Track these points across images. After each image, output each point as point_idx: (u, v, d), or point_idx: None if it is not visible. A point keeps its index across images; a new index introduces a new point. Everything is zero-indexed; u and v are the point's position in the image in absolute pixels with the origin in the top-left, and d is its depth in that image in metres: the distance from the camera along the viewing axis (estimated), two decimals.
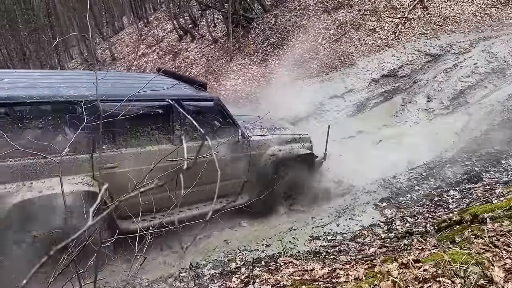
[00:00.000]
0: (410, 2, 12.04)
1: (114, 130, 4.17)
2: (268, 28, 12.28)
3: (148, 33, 16.63)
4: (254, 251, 4.97)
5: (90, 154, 4.01)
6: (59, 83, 4.14)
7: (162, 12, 17.47)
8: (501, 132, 7.27)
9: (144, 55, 15.15)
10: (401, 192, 6.47)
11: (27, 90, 3.76)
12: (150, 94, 4.44)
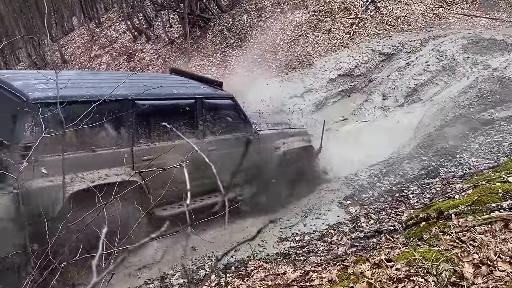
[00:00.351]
0: (363, 3, 12.38)
1: (150, 125, 4.59)
2: (226, 29, 12.21)
3: (101, 34, 16.06)
4: (223, 257, 4.91)
5: (131, 147, 4.39)
6: (110, 83, 4.49)
7: (115, 12, 16.92)
8: (454, 127, 7.62)
9: (97, 57, 14.61)
10: (364, 189, 6.62)
11: (91, 90, 4.24)
12: (178, 93, 4.99)
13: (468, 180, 4.97)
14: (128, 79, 4.56)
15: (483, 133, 7.13)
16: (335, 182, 7.13)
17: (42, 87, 4.04)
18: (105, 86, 4.44)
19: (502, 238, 2.82)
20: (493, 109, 7.94)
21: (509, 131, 7.00)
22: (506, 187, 3.59)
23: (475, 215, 3.16)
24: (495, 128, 7.24)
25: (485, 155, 6.48)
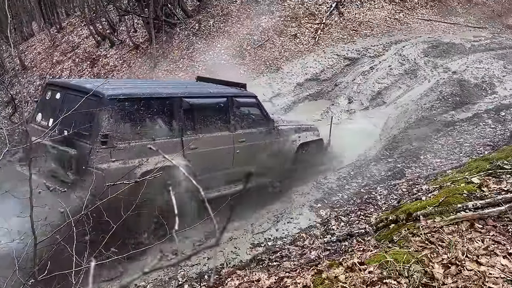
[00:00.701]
0: (327, 9, 12.62)
1: (194, 119, 5.39)
2: (193, 34, 12.13)
3: (62, 40, 15.57)
4: (195, 266, 4.85)
5: (181, 138, 5.17)
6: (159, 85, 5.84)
7: (77, 17, 16.46)
8: (417, 129, 7.87)
9: (58, 63, 14.14)
10: (333, 192, 6.72)
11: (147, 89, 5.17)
12: (214, 92, 5.96)
13: (433, 181, 5.13)
14: (170, 83, 5.94)
15: (445, 134, 7.40)
16: (306, 186, 7.22)
17: (111, 87, 4.92)
18: (157, 86, 5.55)
19: (468, 237, 2.92)
20: (454, 110, 8.26)
21: (470, 132, 7.29)
22: (470, 187, 3.73)
23: (442, 216, 3.26)
24: (456, 129, 7.52)
25: (448, 155, 6.72)
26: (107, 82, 5.17)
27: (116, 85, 5.36)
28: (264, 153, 6.20)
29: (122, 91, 4.87)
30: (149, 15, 11.39)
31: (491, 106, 8.06)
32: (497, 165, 4.07)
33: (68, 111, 4.14)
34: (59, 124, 4.21)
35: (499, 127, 7.18)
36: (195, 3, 13.48)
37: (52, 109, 5.18)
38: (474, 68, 9.65)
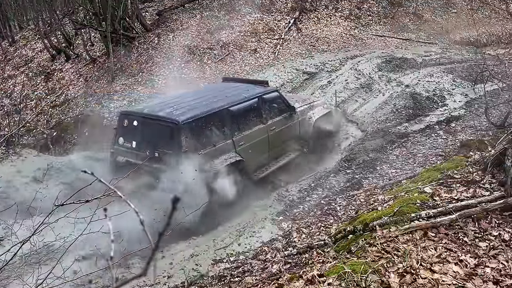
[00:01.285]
0: (286, 24, 12.89)
1: (240, 121, 6.78)
2: (152, 48, 12.00)
3: (15, 53, 14.96)
4: (154, 286, 4.72)
5: (232, 138, 6.54)
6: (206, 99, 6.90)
7: (30, 31, 15.89)
8: (373, 141, 8.11)
9: (10, 77, 13.56)
10: (295, 204, 6.78)
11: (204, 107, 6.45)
12: (247, 96, 7.07)
13: (389, 191, 5.29)
14: (210, 93, 7.25)
15: (399, 145, 7.66)
16: (268, 199, 7.24)
17: (178, 112, 6.17)
18: (207, 102, 6.68)
19: (422, 246, 3.02)
20: (407, 122, 8.60)
21: (422, 143, 7.59)
22: (423, 197, 3.88)
23: (397, 226, 3.36)
24: (410, 140, 7.81)
25: (403, 166, 6.95)
26: (171, 107, 6.38)
27: (180, 109, 6.33)
28: (289, 133, 7.74)
29: (189, 114, 6.09)
30: (106, 29, 11.18)
31: (442, 118, 8.44)
32: (447, 174, 4.26)
33: (144, 135, 6.15)
34: (140, 144, 6.12)
35: (450, 137, 7.52)
36: (154, 17, 13.38)
37: (132, 133, 6.37)
38: (425, 82, 10.11)
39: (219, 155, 6.29)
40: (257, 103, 7.13)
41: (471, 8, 14.35)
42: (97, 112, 10.45)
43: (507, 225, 3.51)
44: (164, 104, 6.63)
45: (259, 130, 7.07)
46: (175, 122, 5.88)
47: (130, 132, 6.40)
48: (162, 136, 6.01)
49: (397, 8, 13.66)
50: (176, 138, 5.87)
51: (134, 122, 6.35)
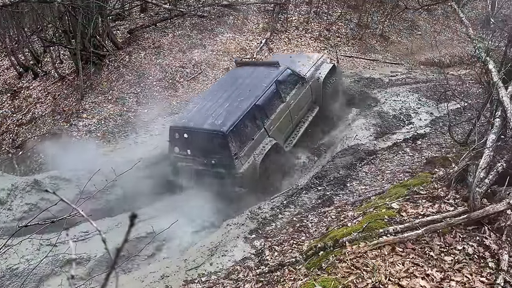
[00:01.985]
0: (257, 44, 13.10)
1: (266, 109, 7.95)
2: (123, 66, 11.91)
3: None
4: None
5: (263, 126, 7.77)
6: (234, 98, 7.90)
7: None
8: (344, 158, 8.27)
9: None
10: (267, 222, 6.79)
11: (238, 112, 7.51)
12: (266, 84, 8.04)
13: (358, 207, 5.39)
14: (233, 88, 8.11)
15: (368, 162, 7.83)
16: (241, 217, 7.22)
17: (220, 122, 7.27)
18: (236, 103, 7.68)
19: (390, 261, 3.09)
20: (376, 140, 8.82)
21: (390, 160, 7.79)
22: (390, 213, 3.97)
23: (366, 241, 3.43)
24: (378, 157, 8.00)
25: (372, 182, 7.11)
26: (211, 116, 7.43)
27: (218, 117, 7.37)
28: (304, 100, 8.89)
29: (230, 122, 7.21)
30: (76, 47, 11.04)
31: (409, 136, 8.71)
32: (413, 190, 4.39)
33: (196, 145, 7.38)
34: (196, 152, 7.46)
35: (416, 155, 7.75)
36: (126, 36, 13.33)
37: (185, 143, 7.56)
38: (392, 101, 10.43)
39: (258, 145, 7.64)
40: (276, 87, 8.17)
41: (434, 31, 15.02)
42: (65, 131, 10.21)
43: (471, 239, 3.63)
44: (203, 113, 7.60)
45: (281, 109, 8.26)
46: (221, 133, 7.10)
47: (183, 142, 7.59)
48: (213, 145, 7.26)
49: (365, 30, 14.14)
50: (226, 146, 7.14)
51: (185, 135, 7.53)
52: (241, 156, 7.33)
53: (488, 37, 11.41)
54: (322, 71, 9.32)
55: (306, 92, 8.90)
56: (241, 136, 7.40)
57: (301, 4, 15.14)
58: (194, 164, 7.57)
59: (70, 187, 8.53)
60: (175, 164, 7.85)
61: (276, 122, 8.09)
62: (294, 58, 9.72)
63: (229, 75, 9.33)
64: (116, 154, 9.28)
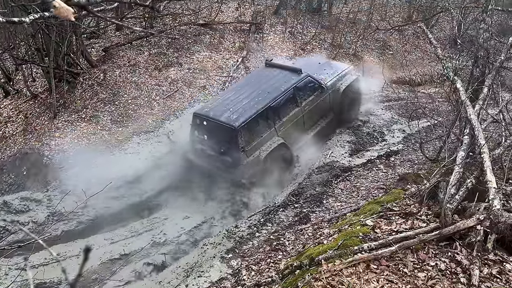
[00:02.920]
0: (234, 63, 13.21)
1: (279, 111, 8.64)
2: (97, 84, 11.77)
3: None
4: None
5: (274, 126, 8.52)
6: (252, 97, 8.73)
7: None
8: (320, 175, 8.35)
9: None
10: (244, 241, 6.74)
11: (253, 109, 8.37)
12: (284, 88, 8.80)
13: (334, 224, 5.42)
14: (256, 87, 8.89)
15: (343, 179, 7.93)
16: (217, 236, 7.15)
17: (234, 117, 8.11)
18: (254, 102, 8.46)
19: (365, 279, 3.11)
20: (351, 157, 8.96)
21: (365, 176, 7.92)
22: (365, 229, 4.02)
23: (342, 259, 3.44)
24: (353, 174, 8.13)
25: (347, 199, 7.19)
26: (229, 110, 8.29)
27: (235, 112, 8.21)
28: (321, 107, 9.43)
29: (242, 119, 8.03)
30: (49, 65, 10.86)
31: (382, 153, 8.89)
32: (387, 207, 4.46)
33: (212, 132, 8.33)
34: (210, 140, 8.41)
35: (390, 171, 7.91)
36: (101, 54, 13.22)
37: (203, 129, 8.51)
38: (367, 119, 10.66)
39: (265, 142, 8.40)
40: (293, 92, 8.84)
41: (405, 50, 15.51)
42: (36, 150, 9.95)
43: (443, 255, 3.70)
44: (224, 106, 8.45)
45: (295, 112, 8.90)
46: (233, 127, 7.94)
47: (202, 127, 8.54)
48: (225, 136, 8.14)
49: (338, 49, 14.48)
50: (235, 139, 8.00)
51: (204, 122, 8.43)
52: (248, 149, 8.17)
53: (456, 57, 11.86)
54: (344, 82, 9.83)
55: (324, 100, 9.45)
56: (251, 132, 8.20)
57: (276, 24, 15.41)
58: (208, 148, 8.51)
59: (41, 208, 8.30)
60: (193, 145, 8.82)
61: (288, 124, 8.79)
62: (322, 64, 10.39)
63: (255, 73, 10.20)
64: (89, 173, 9.09)
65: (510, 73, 8.06)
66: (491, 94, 6.34)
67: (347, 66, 10.54)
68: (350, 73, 10.22)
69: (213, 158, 8.48)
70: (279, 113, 8.68)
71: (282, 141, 8.63)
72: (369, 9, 16.56)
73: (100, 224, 8.17)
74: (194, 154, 8.89)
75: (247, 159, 8.22)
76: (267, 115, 8.46)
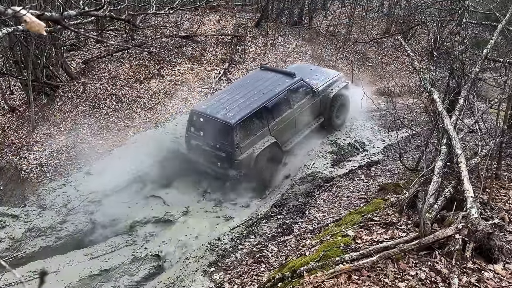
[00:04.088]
0: (216, 75, 13.24)
1: (272, 112, 9.07)
2: (77, 96, 11.62)
3: None
4: None
5: (268, 125, 8.93)
6: (248, 97, 9.17)
7: None
8: (302, 185, 8.37)
9: None
10: (227, 254, 6.67)
11: (248, 108, 8.84)
12: (278, 90, 9.19)
13: (316, 235, 5.43)
14: (251, 87, 9.30)
15: (326, 189, 7.97)
16: (199, 250, 7.07)
17: (230, 114, 8.50)
18: (249, 101, 8.86)
19: None
20: (333, 167, 9.03)
21: (346, 187, 7.98)
22: (346, 240, 4.03)
23: (323, 270, 3.44)
24: (335, 184, 8.17)
25: (329, 209, 7.21)
26: (225, 108, 8.68)
27: (231, 110, 8.60)
28: (312, 110, 9.89)
29: (239, 116, 8.45)
30: (27, 78, 10.68)
31: (363, 163, 8.98)
32: (367, 217, 4.50)
33: (208, 129, 8.68)
34: (206, 135, 8.77)
35: (371, 181, 7.99)
36: (81, 66, 13.08)
37: (199, 126, 8.88)
38: (348, 129, 10.79)
39: (259, 140, 8.81)
40: (286, 94, 9.28)
41: (384, 62, 15.83)
42: (14, 164, 9.73)
43: (423, 265, 3.74)
44: (220, 104, 8.83)
45: (288, 114, 9.33)
46: (229, 124, 8.34)
47: (198, 124, 8.88)
48: (221, 133, 8.48)
49: (319, 61, 14.67)
50: (230, 135, 8.38)
51: (201, 119, 8.79)
52: (242, 146, 8.56)
53: (433, 69, 12.13)
54: (335, 88, 10.33)
55: (314, 103, 9.91)
56: (246, 130, 8.60)
57: (257, 37, 15.54)
58: (203, 144, 8.88)
59: (18, 224, 8.08)
60: (189, 141, 9.20)
61: (281, 124, 9.20)
62: (314, 70, 10.94)
63: (250, 75, 10.44)
64: (68, 187, 8.93)
65: (485, 84, 8.28)
66: (467, 105, 6.50)
67: (337, 73, 11.01)
68: (340, 80, 10.66)
69: (208, 154, 8.84)
70: (273, 113, 9.07)
71: (275, 140, 9.03)
72: (349, 22, 16.88)
73: (80, 239, 8.01)
74: (189, 149, 9.26)
75: (242, 155, 8.60)
76: (261, 114, 8.85)
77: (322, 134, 10.42)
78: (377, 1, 20.75)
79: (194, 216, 8.55)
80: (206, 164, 9.01)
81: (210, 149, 8.81)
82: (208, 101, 9.51)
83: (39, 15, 1.71)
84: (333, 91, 10.26)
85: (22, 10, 1.65)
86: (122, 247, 7.76)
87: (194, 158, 9.14)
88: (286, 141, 9.52)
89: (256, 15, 16.86)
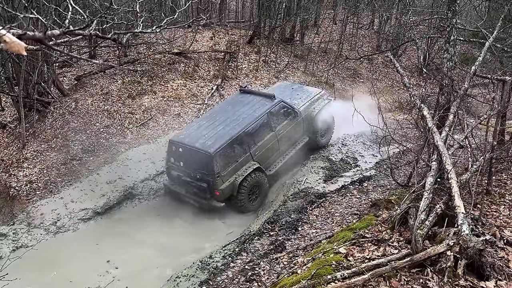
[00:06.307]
0: (209, 91, 13.29)
1: (253, 137, 8.90)
2: (68, 113, 11.58)
3: None
4: None
5: (249, 152, 8.89)
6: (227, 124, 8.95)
7: None
8: (295, 201, 8.33)
9: None
10: (219, 272, 6.58)
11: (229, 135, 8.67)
12: (258, 114, 9.02)
13: (309, 252, 5.38)
14: (230, 113, 9.09)
15: (318, 205, 7.94)
16: (190, 268, 6.97)
17: (209, 143, 8.30)
18: (229, 127, 8.68)
19: None
20: (325, 183, 9.01)
21: (339, 202, 7.95)
22: (338, 257, 4.00)
23: None
24: (327, 200, 8.15)
25: (322, 225, 7.17)
26: (204, 136, 8.51)
27: (210, 138, 8.41)
28: (295, 131, 9.71)
29: (217, 145, 8.25)
30: (19, 94, 10.63)
31: (356, 178, 8.98)
32: (359, 234, 4.48)
33: (187, 159, 8.48)
34: (186, 165, 8.59)
35: (363, 197, 7.98)
36: (73, 82, 13.07)
37: (179, 156, 8.67)
38: (340, 145, 10.82)
39: (241, 167, 8.64)
40: (267, 118, 9.11)
41: (375, 78, 16.00)
42: (3, 182, 9.60)
43: (415, 282, 3.71)
44: (198, 133, 8.65)
45: (270, 137, 9.16)
46: (208, 153, 8.16)
47: (178, 154, 8.68)
48: (200, 162, 8.29)
49: (311, 77, 14.81)
50: (210, 164, 8.19)
51: (180, 149, 8.60)
52: (223, 175, 8.38)
53: (423, 85, 12.28)
54: (317, 106, 10.20)
55: (297, 124, 9.74)
56: (226, 157, 8.39)
57: (250, 53, 15.69)
58: (184, 175, 8.65)
59: (6, 242, 7.94)
60: (169, 172, 9.04)
61: (263, 149, 9.04)
62: (295, 90, 10.76)
63: (230, 100, 10.30)
64: (58, 204, 8.82)
65: (474, 100, 8.39)
66: (457, 121, 6.56)
67: (319, 91, 10.90)
68: (323, 97, 10.55)
69: (189, 185, 8.62)
70: (254, 138, 8.88)
71: (258, 165, 8.85)
72: (340, 39, 17.11)
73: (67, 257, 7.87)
74: (170, 179, 9.07)
75: (223, 184, 8.37)
76: (242, 140, 8.65)
77: (314, 148, 10.43)
78: (367, 18, 21.11)
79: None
80: (188, 195, 8.80)
81: (191, 179, 8.58)
82: (186, 129, 9.29)
83: (20, 35, 1.71)
84: (316, 110, 10.13)
85: (2, 30, 1.64)
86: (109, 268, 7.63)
87: (177, 190, 8.97)
88: (270, 165, 9.36)
89: (249, 32, 17.04)
